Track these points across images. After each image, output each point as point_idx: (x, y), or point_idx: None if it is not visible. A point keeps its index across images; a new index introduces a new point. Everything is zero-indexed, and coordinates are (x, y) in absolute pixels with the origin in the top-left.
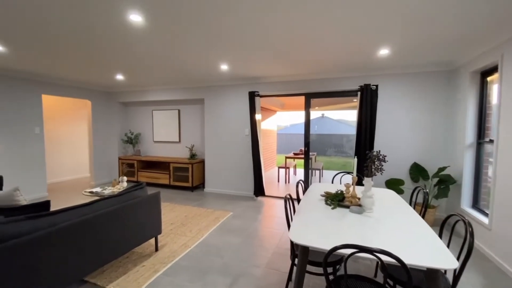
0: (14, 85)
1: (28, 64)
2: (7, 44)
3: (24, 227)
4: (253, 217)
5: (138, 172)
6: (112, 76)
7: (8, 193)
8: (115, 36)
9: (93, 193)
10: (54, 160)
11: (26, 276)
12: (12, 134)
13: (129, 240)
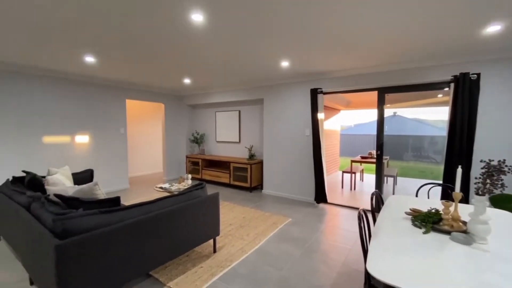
0: (103, 92)
1: (113, 73)
2: (99, 56)
3: (97, 220)
4: (314, 226)
5: (202, 170)
6: (180, 80)
7: (89, 187)
8: (181, 42)
9: (162, 189)
10: (134, 157)
11: (99, 266)
12: (101, 134)
13: (189, 239)
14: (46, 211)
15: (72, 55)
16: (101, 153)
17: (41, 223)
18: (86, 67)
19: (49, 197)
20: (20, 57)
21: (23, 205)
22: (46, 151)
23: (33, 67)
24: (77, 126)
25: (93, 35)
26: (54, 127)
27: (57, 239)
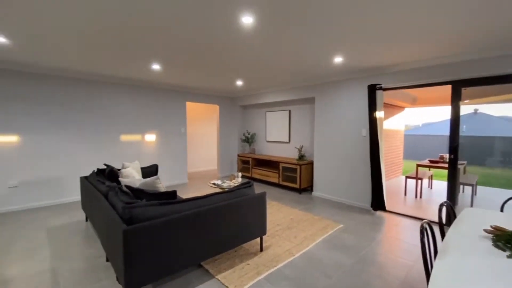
0: (166, 96)
1: (175, 79)
2: (163, 64)
3: (157, 211)
4: (370, 235)
5: (252, 169)
6: (233, 82)
7: (152, 181)
8: (233, 46)
9: (215, 185)
10: (193, 154)
11: (157, 251)
12: (165, 133)
13: (237, 235)
14: (119, 199)
15: (143, 65)
16: (164, 150)
17: (115, 210)
18: (154, 74)
19: (122, 188)
20: (104, 70)
21: (103, 193)
22: (122, 147)
23: (113, 76)
24: (147, 127)
25: (158, 45)
26: (128, 127)
27: (125, 224)
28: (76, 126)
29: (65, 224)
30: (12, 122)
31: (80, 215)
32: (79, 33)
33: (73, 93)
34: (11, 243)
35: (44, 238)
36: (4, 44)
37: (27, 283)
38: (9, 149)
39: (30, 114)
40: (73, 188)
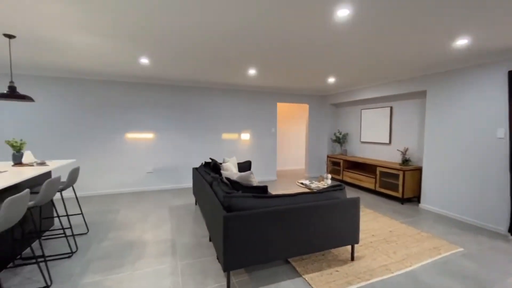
0: (260, 97)
1: (268, 81)
2: (258, 68)
3: (251, 203)
4: (503, 268)
5: (343, 171)
6: (324, 80)
7: (247, 175)
8: (326, 43)
9: (303, 185)
10: (282, 153)
11: (249, 239)
12: (257, 132)
13: (325, 239)
14: (220, 188)
15: (241, 71)
16: (257, 148)
17: (217, 198)
18: (249, 78)
19: (223, 179)
20: (211, 78)
21: (208, 182)
22: (222, 144)
23: (216, 83)
24: (242, 126)
25: (255, 53)
26: (228, 127)
27: (225, 211)
28: (190, 125)
29: (181, 205)
30: (149, 123)
31: (191, 199)
32: (193, 52)
33: (187, 98)
34: (147, 215)
35: (167, 214)
36: (146, 64)
37: (157, 247)
38: (148, 144)
39: (160, 116)
40: (187, 176)
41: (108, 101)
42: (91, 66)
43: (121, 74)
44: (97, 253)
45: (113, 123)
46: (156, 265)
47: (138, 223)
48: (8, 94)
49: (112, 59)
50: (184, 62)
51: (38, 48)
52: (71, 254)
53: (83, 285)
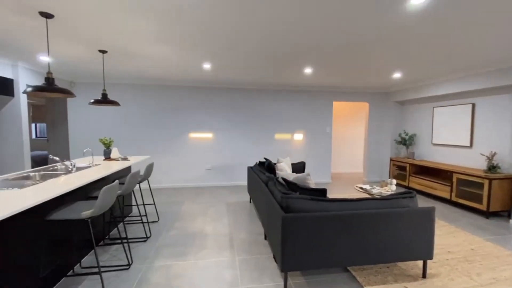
0: (315, 97)
1: (325, 79)
2: (316, 66)
3: (308, 205)
4: None
5: (410, 177)
6: (388, 76)
7: (304, 176)
8: (393, 35)
9: (362, 190)
10: (337, 154)
11: (306, 241)
12: (311, 132)
13: (392, 250)
14: (276, 188)
15: (297, 69)
16: (310, 148)
17: (273, 197)
18: (305, 77)
19: (278, 179)
20: (263, 79)
21: (264, 182)
22: (275, 144)
23: (269, 84)
24: (295, 126)
25: (312, 51)
26: (280, 127)
27: (283, 212)
28: (245, 126)
29: (237, 202)
30: (209, 123)
31: (246, 197)
32: (251, 54)
33: (242, 99)
34: (207, 208)
35: (224, 210)
36: (208, 69)
37: (216, 239)
38: (207, 143)
39: (218, 117)
40: (242, 174)
41: (175, 104)
42: (163, 73)
43: (186, 79)
44: (166, 240)
45: (179, 124)
46: (217, 257)
47: (199, 215)
48: (101, 100)
49: (180, 66)
50: (242, 64)
51: (123, 60)
52: (146, 239)
53: (157, 267)
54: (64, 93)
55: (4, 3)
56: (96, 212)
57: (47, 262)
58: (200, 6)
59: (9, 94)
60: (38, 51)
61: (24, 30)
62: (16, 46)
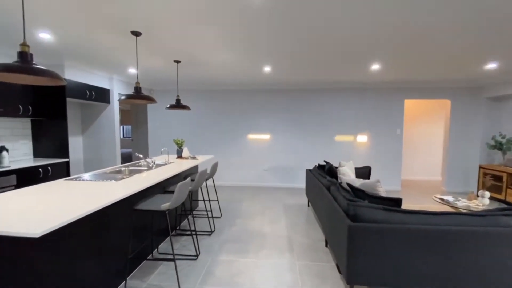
0: (381, 95)
1: (393, 75)
2: (384, 62)
3: (379, 215)
4: None
5: (508, 189)
6: (480, 65)
7: (372, 183)
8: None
9: (444, 201)
10: (409, 159)
11: (377, 258)
12: (377, 134)
13: (489, 280)
14: (340, 194)
15: (364, 65)
16: (376, 152)
17: (337, 204)
18: (371, 74)
19: (341, 184)
20: (324, 78)
21: (325, 186)
22: (336, 147)
23: (331, 82)
24: (358, 128)
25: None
26: (341, 128)
27: (349, 220)
28: (303, 127)
29: (294, 204)
30: (267, 125)
31: (303, 200)
32: (314, 52)
33: (301, 100)
34: (265, 209)
35: (282, 211)
36: (268, 72)
37: (276, 240)
38: (265, 144)
39: (275, 119)
40: (300, 176)
41: (236, 107)
42: (226, 78)
43: (246, 82)
44: (228, 236)
45: (239, 125)
46: (276, 259)
47: (258, 215)
48: (175, 105)
49: (242, 70)
50: (303, 64)
51: (193, 68)
52: (211, 232)
53: (220, 261)
54: (148, 99)
55: (104, 26)
56: (172, 205)
57: (134, 246)
58: (267, 12)
59: (106, 102)
60: (128, 65)
61: (119, 48)
62: (112, 62)
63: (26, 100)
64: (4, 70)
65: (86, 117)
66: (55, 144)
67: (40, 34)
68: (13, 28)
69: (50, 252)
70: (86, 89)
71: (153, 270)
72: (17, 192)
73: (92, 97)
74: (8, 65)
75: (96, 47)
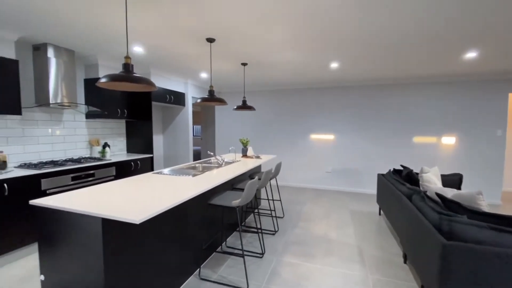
0: (476, 88)
1: (495, 64)
2: (483, 48)
3: (486, 235)
4: None
5: None
6: None
7: (471, 195)
8: None
9: None
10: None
11: (479, 285)
12: (470, 136)
13: None
14: (426, 205)
15: (455, 54)
16: (468, 157)
17: (423, 215)
18: (464, 63)
19: (427, 193)
20: (402, 70)
21: (405, 194)
22: (414, 150)
23: (408, 76)
24: (443, 128)
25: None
26: (421, 129)
27: (442, 237)
28: (372, 127)
29: (362, 211)
30: (330, 124)
31: (373, 207)
32: (389, 46)
33: (370, 97)
34: (329, 212)
35: (348, 217)
36: (335, 68)
37: (343, 249)
38: (328, 144)
39: (341, 118)
40: (368, 181)
41: (299, 106)
42: (289, 77)
43: (310, 81)
44: (292, 237)
45: (302, 125)
46: (345, 269)
47: (322, 219)
48: (241, 106)
49: (307, 68)
50: (376, 58)
51: (258, 69)
52: (274, 232)
53: (286, 262)
54: (220, 101)
55: (184, 36)
56: (242, 202)
57: (207, 238)
58: (335, 9)
59: (182, 104)
60: (200, 70)
61: (194, 55)
62: (188, 68)
63: (122, 104)
64: (112, 80)
65: (165, 118)
66: (142, 141)
67: (134, 48)
68: (113, 43)
69: (145, 233)
70: (166, 93)
71: (222, 262)
72: (121, 182)
73: (171, 101)
74: (115, 75)
75: (176, 55)
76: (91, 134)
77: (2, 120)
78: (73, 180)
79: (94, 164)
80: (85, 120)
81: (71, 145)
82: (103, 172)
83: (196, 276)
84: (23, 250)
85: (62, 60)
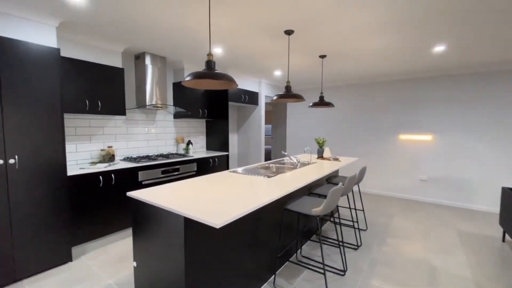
0: None
1: None
2: None
3: None
4: None
5: None
6: None
7: None
8: None
9: None
10: None
11: None
12: None
13: None
14: None
15: None
16: None
17: None
18: None
19: None
20: None
21: None
22: None
23: None
24: None
25: None
26: None
27: None
28: (487, 126)
29: (476, 234)
30: (428, 122)
31: (494, 231)
32: None
33: (487, 88)
34: (428, 231)
35: (456, 240)
36: (440, 52)
37: (452, 282)
38: (423, 147)
39: (439, 114)
40: (480, 194)
41: (387, 102)
42: (375, 68)
43: (401, 71)
44: (379, 256)
45: (389, 123)
46: None
47: (417, 237)
48: (318, 102)
49: (398, 55)
50: (498, 32)
51: (338, 62)
52: (357, 247)
53: (373, 286)
54: (298, 97)
55: (260, 30)
56: (324, 211)
57: (281, 245)
58: None
59: (255, 103)
60: (273, 68)
61: (268, 52)
62: (262, 66)
63: (203, 105)
64: (195, 78)
65: (240, 118)
66: (219, 140)
67: (214, 49)
68: (196, 47)
69: (223, 233)
70: (241, 93)
71: (298, 273)
72: (202, 179)
73: (246, 100)
74: (198, 73)
75: (252, 54)
76: (178, 132)
77: (112, 120)
78: (162, 173)
79: (180, 160)
80: (173, 120)
81: (162, 142)
82: (186, 167)
83: (270, 284)
84: (126, 231)
85: (156, 67)
